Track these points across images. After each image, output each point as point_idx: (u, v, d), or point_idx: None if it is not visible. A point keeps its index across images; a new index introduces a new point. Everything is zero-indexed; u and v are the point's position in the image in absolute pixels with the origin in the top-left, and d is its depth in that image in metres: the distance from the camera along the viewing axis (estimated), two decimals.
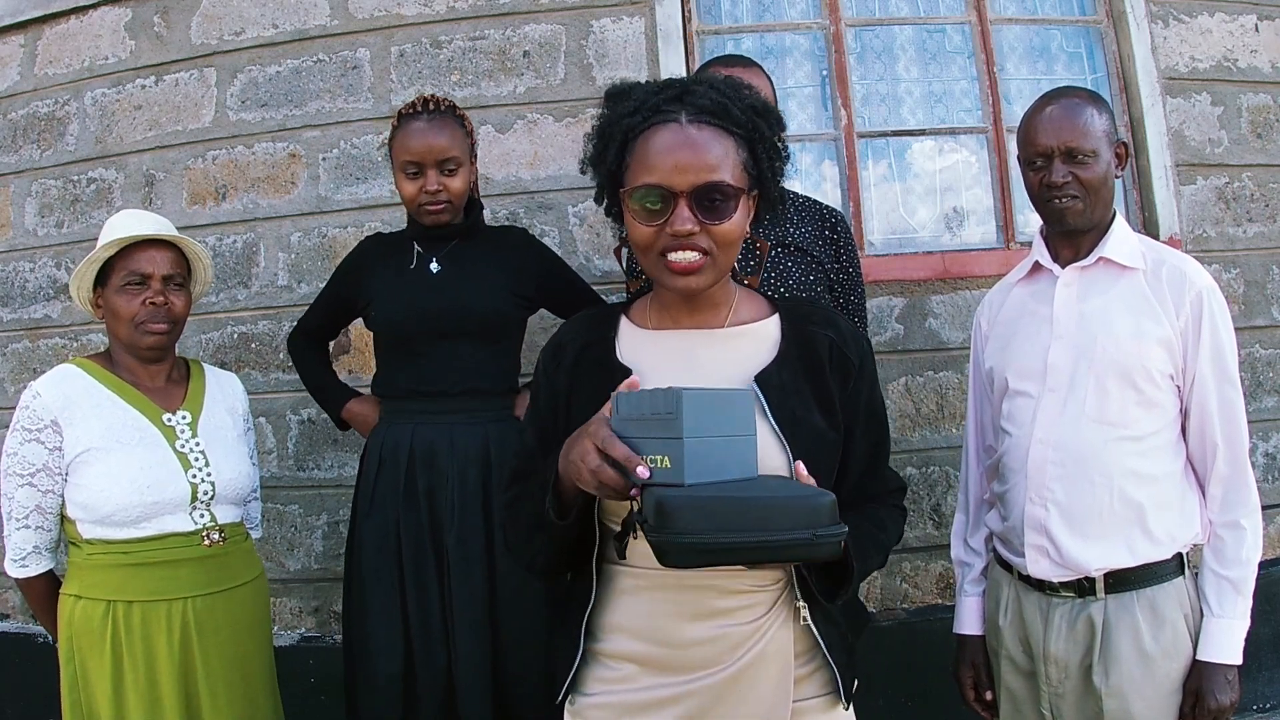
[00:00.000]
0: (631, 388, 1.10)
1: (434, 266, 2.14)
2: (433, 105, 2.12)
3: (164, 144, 3.04)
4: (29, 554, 1.81)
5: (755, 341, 1.29)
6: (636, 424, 1.05)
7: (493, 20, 2.95)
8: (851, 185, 3.00)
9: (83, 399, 1.81)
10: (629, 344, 1.31)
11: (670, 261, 1.19)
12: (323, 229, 2.96)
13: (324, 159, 2.97)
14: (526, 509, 1.24)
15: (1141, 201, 3.01)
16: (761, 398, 1.21)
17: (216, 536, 1.85)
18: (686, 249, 1.18)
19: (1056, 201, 1.67)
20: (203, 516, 1.84)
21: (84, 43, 3.12)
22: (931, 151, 3.09)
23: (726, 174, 1.17)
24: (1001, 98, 3.04)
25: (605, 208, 1.33)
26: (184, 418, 1.89)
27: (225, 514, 1.89)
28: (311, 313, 2.35)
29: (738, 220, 1.20)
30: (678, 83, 1.24)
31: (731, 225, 1.19)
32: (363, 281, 2.20)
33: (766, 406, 1.21)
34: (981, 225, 3.08)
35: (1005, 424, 1.76)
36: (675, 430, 0.99)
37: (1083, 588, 1.64)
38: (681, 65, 2.92)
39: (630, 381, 1.13)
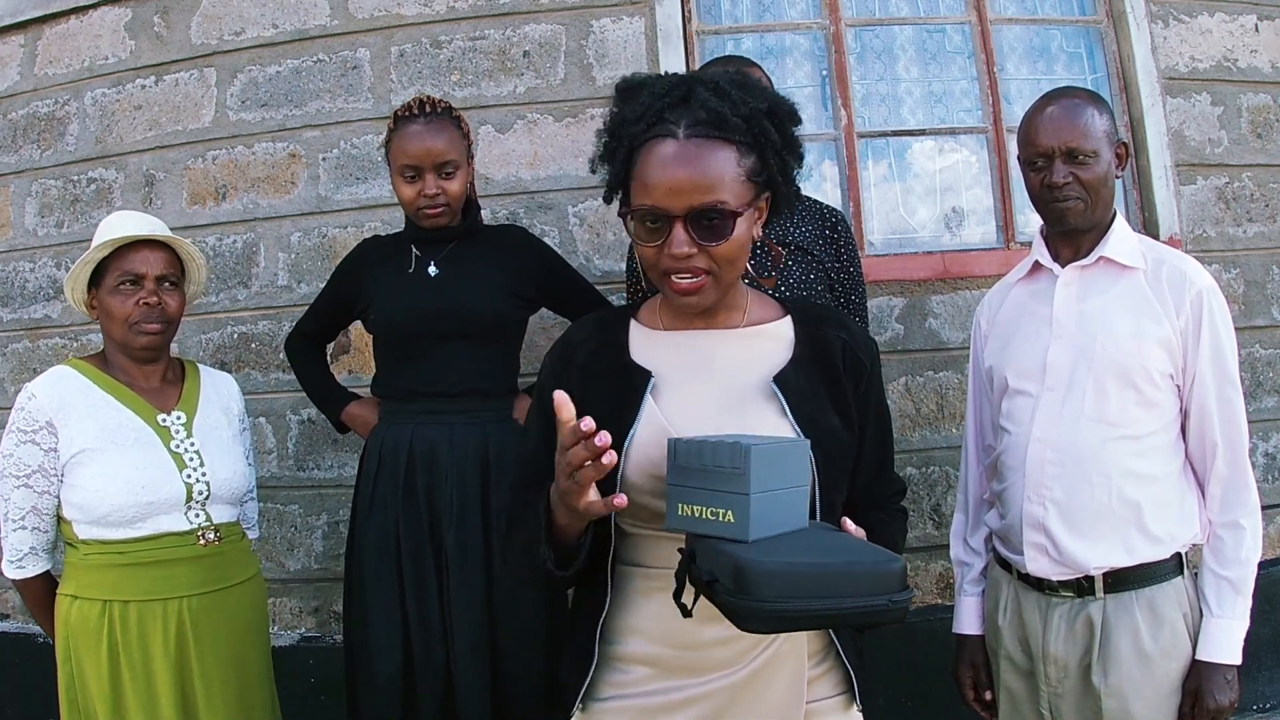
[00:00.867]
0: (665, 435, 1.08)
1: (432, 270, 2.13)
2: (429, 107, 2.10)
3: (164, 144, 3.04)
4: (26, 555, 1.81)
5: (770, 342, 1.27)
6: (695, 474, 1.02)
7: (493, 20, 2.95)
8: (851, 185, 3.00)
9: (78, 400, 1.81)
10: (641, 346, 1.29)
11: (672, 283, 1.18)
12: (323, 229, 2.96)
13: (324, 159, 2.97)
14: (522, 545, 1.19)
15: (1141, 201, 3.01)
16: (781, 398, 1.20)
17: (212, 536, 1.85)
18: (685, 271, 1.16)
19: (1057, 202, 1.67)
20: (198, 516, 1.84)
21: (84, 43, 3.12)
22: (931, 151, 3.09)
23: (724, 193, 1.14)
24: (1001, 98, 3.04)
25: (618, 209, 1.30)
26: (179, 418, 1.89)
27: (221, 514, 1.88)
28: (309, 316, 2.35)
29: (737, 239, 1.17)
30: (685, 82, 1.20)
31: (730, 245, 1.16)
32: (362, 284, 2.19)
33: (786, 408, 1.20)
34: (981, 225, 3.07)
35: (1004, 423, 1.76)
36: (741, 486, 0.97)
37: (1082, 587, 1.64)
38: (681, 65, 2.92)
39: (662, 431, 1.11)
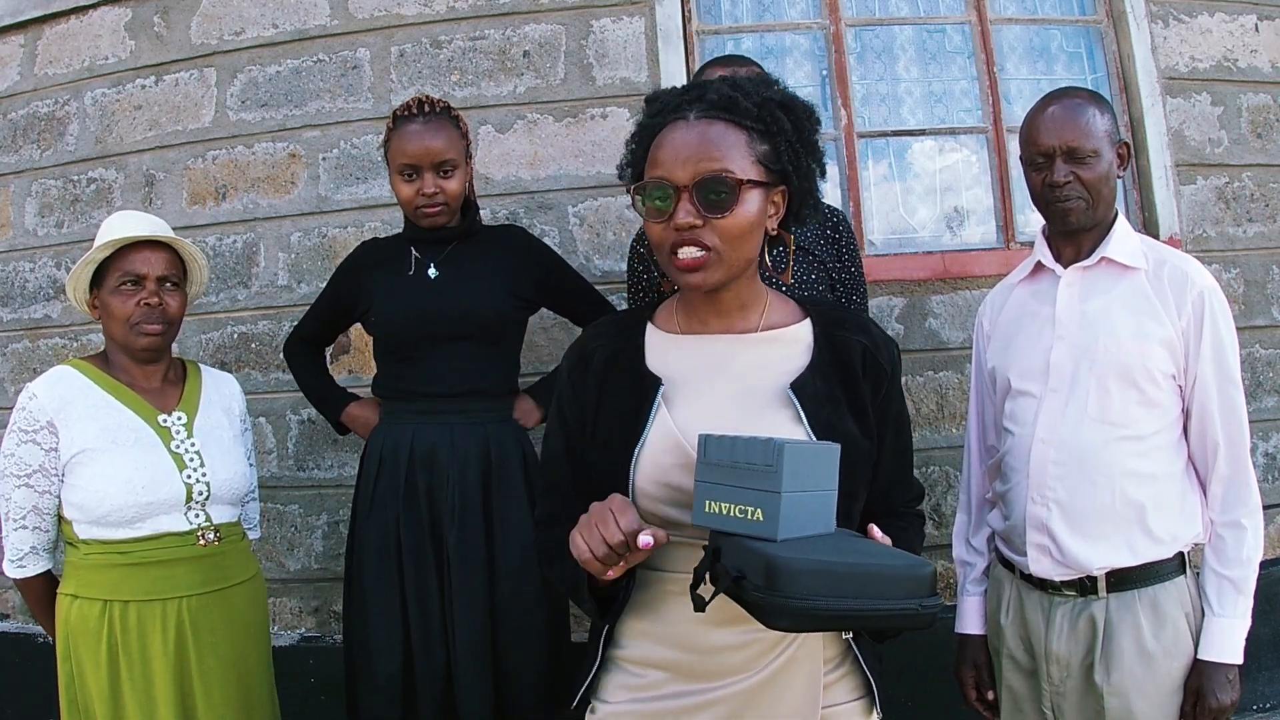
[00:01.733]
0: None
1: (432, 271, 2.13)
2: (428, 107, 2.09)
3: (164, 144, 3.04)
4: (26, 554, 1.81)
5: (788, 346, 1.26)
6: (725, 471, 1.02)
7: (493, 20, 2.95)
8: (851, 185, 3.00)
9: (78, 400, 1.81)
10: (657, 350, 1.28)
11: (677, 259, 1.17)
12: (323, 229, 2.96)
13: (324, 159, 2.97)
14: (558, 579, 1.26)
15: (1141, 201, 3.01)
16: (797, 405, 1.19)
17: (212, 536, 1.85)
18: (689, 244, 1.16)
19: (1059, 201, 1.67)
20: (198, 516, 1.84)
21: (84, 43, 3.12)
22: (931, 151, 3.09)
23: (730, 163, 1.15)
24: (1001, 98, 3.04)
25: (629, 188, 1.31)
26: (179, 418, 1.89)
27: (221, 514, 1.88)
28: (308, 319, 2.34)
29: (743, 213, 1.16)
30: (702, 83, 1.23)
31: (735, 219, 1.15)
32: (361, 287, 2.19)
33: (802, 414, 1.18)
34: (981, 225, 3.07)
35: (1007, 423, 1.75)
36: (774, 484, 0.97)
37: (1084, 587, 1.64)
38: (681, 65, 2.92)
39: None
